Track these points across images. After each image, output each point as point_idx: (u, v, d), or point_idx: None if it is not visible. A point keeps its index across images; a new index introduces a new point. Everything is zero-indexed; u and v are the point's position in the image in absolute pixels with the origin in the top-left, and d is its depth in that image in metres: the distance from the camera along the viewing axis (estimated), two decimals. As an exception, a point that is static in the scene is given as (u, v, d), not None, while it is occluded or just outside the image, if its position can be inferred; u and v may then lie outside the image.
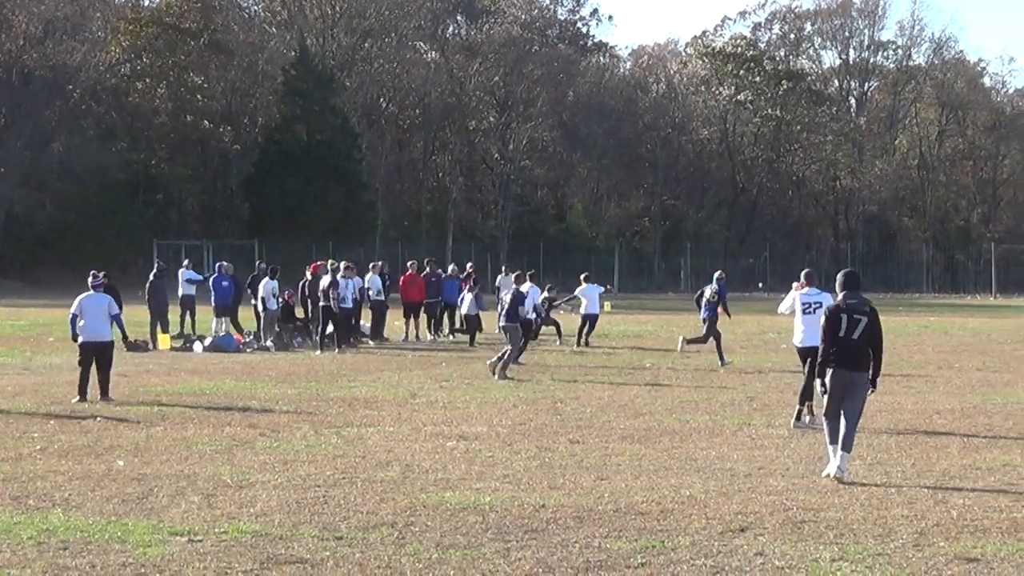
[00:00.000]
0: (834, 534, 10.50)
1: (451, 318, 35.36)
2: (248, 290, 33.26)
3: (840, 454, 12.93)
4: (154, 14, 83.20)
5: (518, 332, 24.63)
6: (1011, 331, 40.98)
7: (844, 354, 13.02)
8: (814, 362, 14.13)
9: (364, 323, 33.13)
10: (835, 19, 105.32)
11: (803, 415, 17.04)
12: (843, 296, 13.20)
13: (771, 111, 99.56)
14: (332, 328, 29.94)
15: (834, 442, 13.07)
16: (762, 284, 73.00)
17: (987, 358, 29.57)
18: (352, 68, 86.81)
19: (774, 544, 10.12)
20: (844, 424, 13.04)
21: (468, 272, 36.18)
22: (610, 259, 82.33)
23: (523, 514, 11.17)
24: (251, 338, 31.15)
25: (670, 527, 10.70)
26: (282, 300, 31.68)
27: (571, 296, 34.70)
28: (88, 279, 20.60)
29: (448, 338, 34.48)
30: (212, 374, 23.99)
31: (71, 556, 9.61)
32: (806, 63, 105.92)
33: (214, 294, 32.97)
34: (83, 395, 19.40)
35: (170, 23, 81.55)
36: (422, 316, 34.18)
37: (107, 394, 19.42)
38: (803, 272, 18.30)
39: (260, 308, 31.53)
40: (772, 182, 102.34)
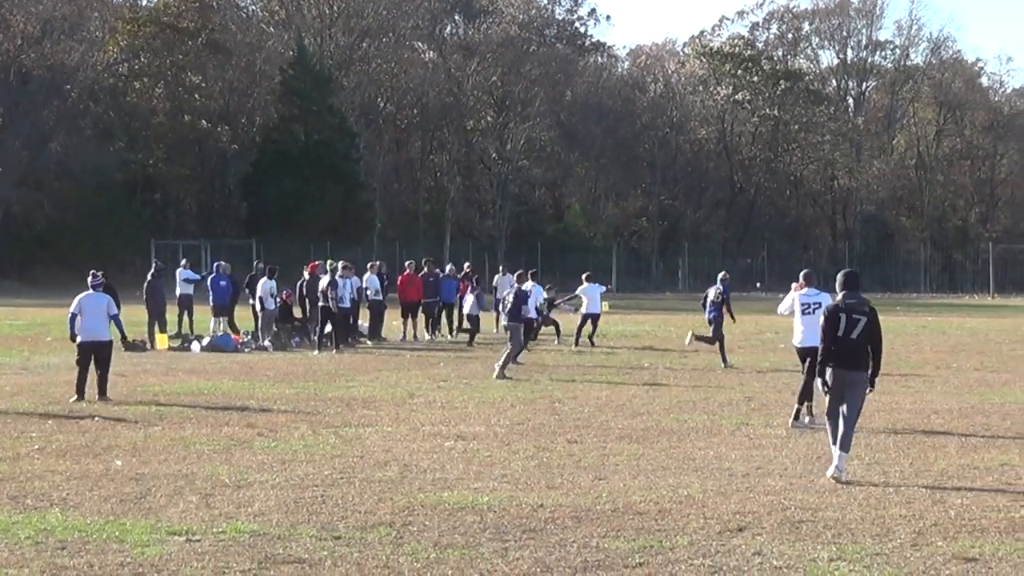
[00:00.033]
0: (832, 534, 10.50)
1: (449, 317, 35.39)
2: (246, 290, 33.26)
3: (838, 454, 12.95)
4: (152, 14, 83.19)
5: (519, 331, 24.60)
6: (1009, 331, 40.99)
7: (843, 353, 13.05)
8: (814, 362, 14.14)
9: (362, 323, 33.14)
10: (833, 19, 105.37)
11: (801, 414, 17.06)
12: (842, 296, 13.24)
13: (769, 111, 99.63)
14: (330, 328, 29.94)
15: (838, 444, 13.12)
16: (760, 284, 73.04)
17: (985, 358, 29.58)
18: (350, 68, 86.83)
19: (772, 544, 10.12)
20: (842, 423, 13.07)
21: (466, 272, 36.17)
22: (608, 259, 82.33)
23: (521, 514, 11.17)
24: (249, 338, 31.14)
25: (668, 527, 10.71)
26: (280, 300, 31.68)
27: (572, 295, 34.71)
28: (88, 278, 20.59)
29: (446, 338, 34.48)
30: (210, 374, 23.97)
31: (69, 556, 9.61)
32: (804, 63, 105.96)
33: (212, 294, 32.97)
34: (81, 394, 19.39)
35: (168, 23, 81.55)
36: (420, 316, 34.19)
37: (105, 394, 19.41)
38: (802, 272, 18.30)
39: (258, 308, 31.54)
40: (770, 182, 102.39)
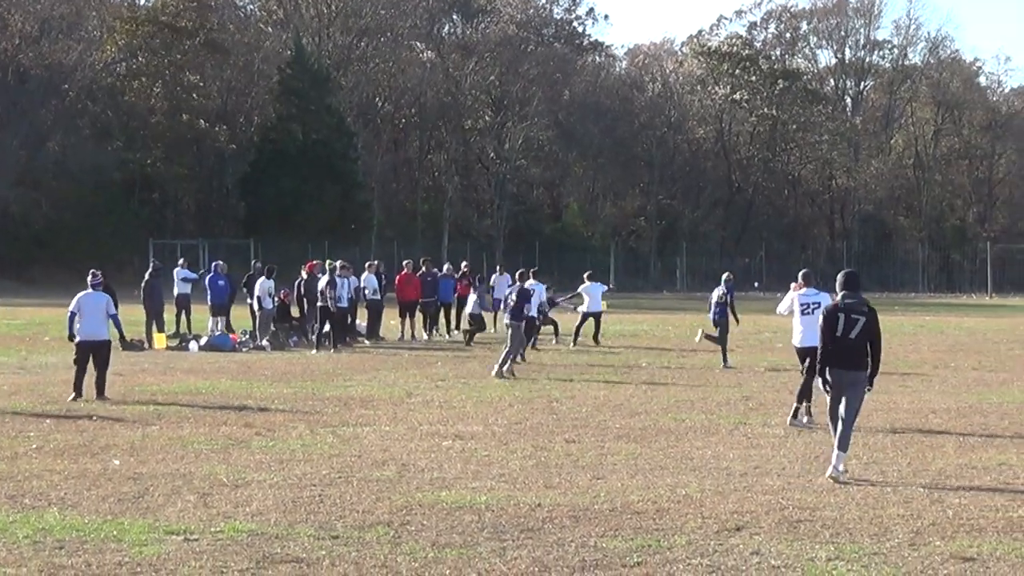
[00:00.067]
0: (830, 533, 10.50)
1: (447, 317, 35.38)
2: (244, 289, 33.26)
3: (836, 453, 12.95)
4: (150, 13, 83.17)
5: (520, 329, 24.53)
6: (1007, 330, 41.01)
7: (842, 353, 13.06)
8: (813, 362, 14.15)
9: (360, 322, 33.14)
10: (831, 18, 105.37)
11: (800, 413, 17.05)
12: (842, 296, 13.25)
13: (767, 110, 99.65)
14: (328, 327, 29.93)
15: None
16: (758, 284, 73.03)
17: (983, 357, 29.60)
18: (348, 67, 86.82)
19: (770, 543, 10.12)
20: (841, 423, 13.08)
21: (463, 272, 36.15)
22: (606, 258, 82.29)
23: (519, 513, 11.17)
24: (247, 337, 31.14)
25: (666, 526, 10.70)
26: (278, 299, 31.68)
27: (574, 293, 34.71)
28: (88, 278, 20.57)
29: (443, 337, 34.46)
30: (208, 373, 23.97)
31: (67, 555, 9.60)
32: (802, 62, 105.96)
33: (210, 293, 32.98)
34: (78, 392, 19.34)
35: (166, 22, 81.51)
36: (418, 315, 34.19)
37: (103, 393, 19.38)
38: (801, 272, 18.32)
39: (256, 307, 31.55)
40: (768, 181, 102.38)
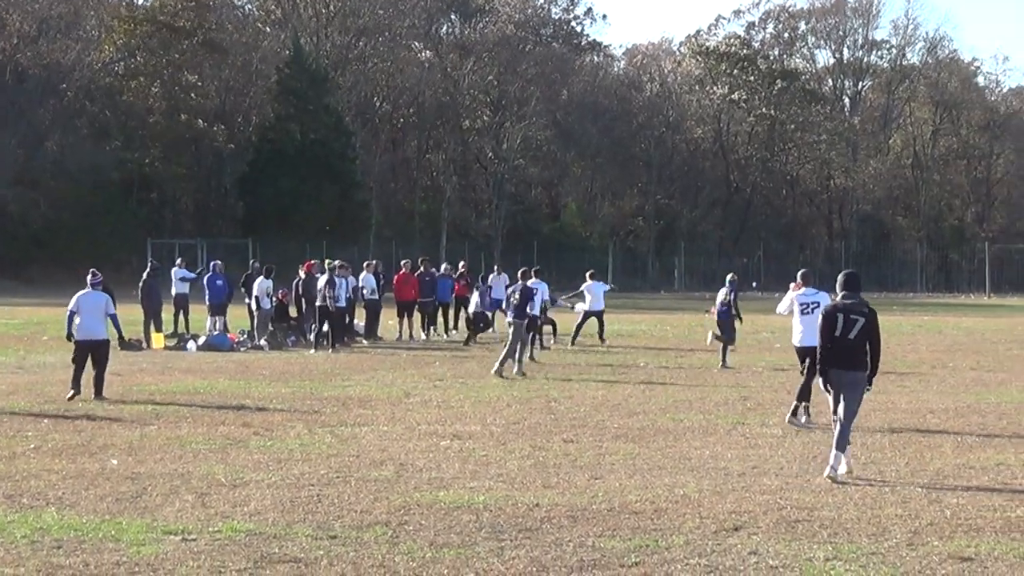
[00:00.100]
0: (828, 533, 10.50)
1: (445, 316, 35.37)
2: (241, 289, 33.26)
3: (834, 453, 12.94)
4: (148, 13, 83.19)
5: (522, 328, 24.47)
6: (1005, 330, 41.02)
7: (840, 354, 13.06)
8: (813, 361, 14.16)
9: (358, 322, 33.14)
10: (829, 18, 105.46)
11: (800, 412, 17.03)
12: (841, 296, 13.26)
13: (765, 110, 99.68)
14: (327, 327, 29.93)
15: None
16: (756, 283, 72.99)
17: (981, 357, 29.60)
18: (346, 67, 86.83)
19: (768, 543, 10.12)
20: (839, 423, 13.07)
21: (461, 272, 36.14)
22: (604, 258, 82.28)
23: (517, 513, 11.16)
24: (245, 337, 31.13)
25: (664, 526, 10.70)
26: (276, 299, 31.67)
27: (576, 292, 34.70)
28: (88, 277, 20.55)
29: (442, 337, 34.45)
30: (206, 373, 23.96)
31: (65, 555, 9.60)
32: (800, 62, 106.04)
33: (208, 293, 32.98)
34: (76, 388, 19.29)
35: (164, 22, 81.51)
36: (416, 315, 34.18)
37: (101, 393, 19.35)
38: (800, 272, 18.32)
39: (254, 307, 31.54)
40: (766, 181, 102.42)
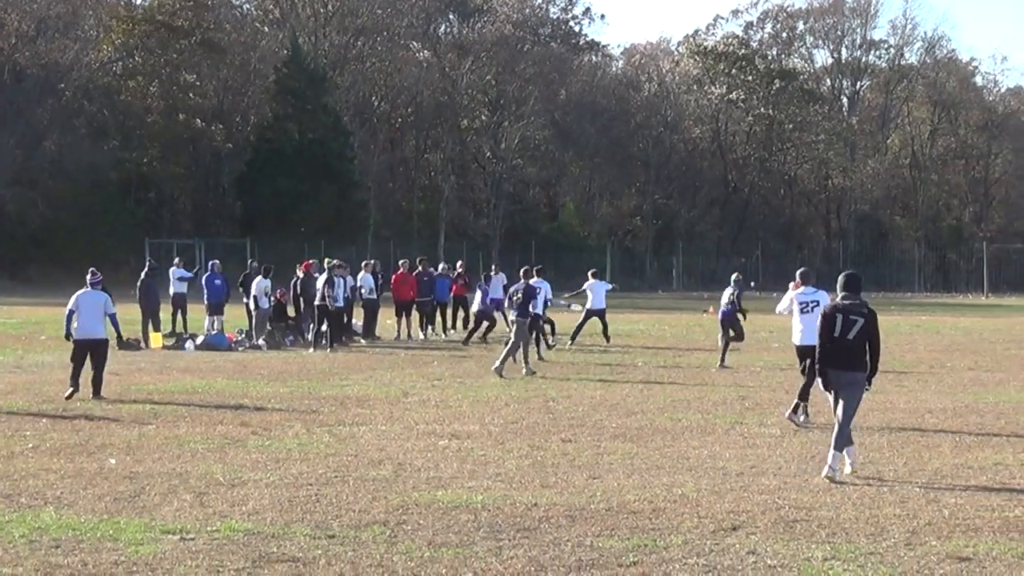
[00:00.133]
0: (826, 533, 10.51)
1: (443, 316, 35.36)
2: (239, 288, 33.26)
3: (832, 453, 12.94)
4: (146, 12, 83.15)
5: (525, 326, 24.44)
6: (1003, 330, 41.03)
7: (839, 354, 13.06)
8: (813, 360, 14.16)
9: (356, 322, 33.14)
10: (827, 18, 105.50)
11: (800, 410, 17.00)
12: (841, 297, 13.26)
13: (763, 110, 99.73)
14: (326, 326, 29.92)
15: (848, 443, 13.20)
16: (754, 283, 72.98)
17: (979, 357, 29.60)
18: (344, 67, 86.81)
19: (766, 543, 10.12)
20: (837, 423, 13.07)
21: (459, 272, 36.12)
22: (602, 258, 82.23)
23: (515, 512, 11.16)
24: (243, 336, 31.13)
25: (662, 526, 10.70)
26: (274, 299, 31.67)
27: (578, 291, 34.68)
28: (87, 276, 20.53)
29: (439, 337, 34.44)
30: (204, 372, 23.96)
31: (63, 554, 9.60)
32: (798, 62, 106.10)
33: (206, 292, 33.00)
34: (75, 385, 19.29)
35: (162, 21, 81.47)
36: (414, 315, 34.19)
37: (99, 393, 19.34)
38: (799, 271, 18.34)
39: (252, 307, 31.54)
40: (764, 181, 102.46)
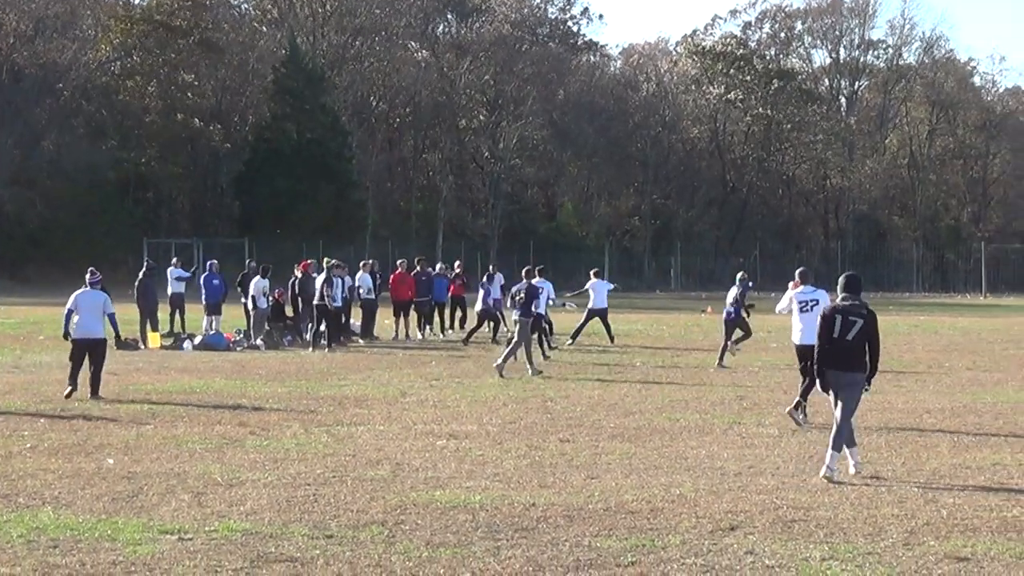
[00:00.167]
0: (824, 533, 10.50)
1: (441, 316, 35.36)
2: (238, 288, 33.25)
3: (830, 453, 12.92)
4: (144, 12, 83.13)
5: (527, 326, 24.42)
6: (1001, 330, 41.04)
7: (838, 355, 13.06)
8: (813, 360, 14.17)
9: (354, 322, 33.14)
10: (825, 18, 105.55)
11: (800, 408, 16.98)
12: (841, 298, 13.27)
13: (761, 110, 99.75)
14: (324, 326, 29.92)
15: (851, 444, 13.21)
16: (753, 283, 73.05)
17: (977, 357, 29.61)
18: (342, 67, 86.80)
19: (764, 543, 10.12)
20: (836, 423, 13.07)
21: (457, 272, 36.11)
22: (600, 258, 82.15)
23: (513, 513, 11.16)
24: (241, 336, 31.12)
25: (660, 526, 10.70)
26: (272, 299, 31.66)
27: (580, 291, 34.68)
28: (86, 275, 20.51)
29: (438, 337, 34.44)
30: (202, 372, 23.95)
31: (61, 554, 9.59)
32: (796, 62, 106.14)
33: (204, 292, 33.00)
34: (74, 384, 19.27)
35: (160, 21, 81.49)
36: (412, 315, 34.19)
37: (97, 392, 19.32)
38: (798, 271, 18.36)
39: (250, 307, 31.53)
40: (762, 181, 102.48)
